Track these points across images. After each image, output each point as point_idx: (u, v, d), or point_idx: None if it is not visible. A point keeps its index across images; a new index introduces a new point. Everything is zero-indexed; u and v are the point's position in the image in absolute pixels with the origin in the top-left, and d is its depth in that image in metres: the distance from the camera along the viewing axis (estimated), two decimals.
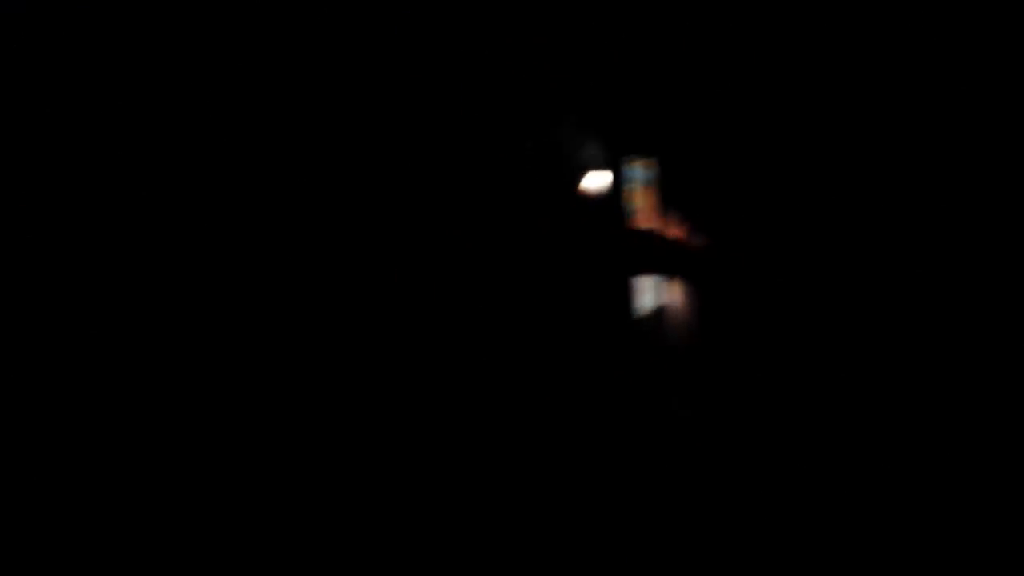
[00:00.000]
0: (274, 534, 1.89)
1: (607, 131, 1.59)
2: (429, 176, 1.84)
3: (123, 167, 1.94)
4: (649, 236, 1.01)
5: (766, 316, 1.30)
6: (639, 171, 0.87)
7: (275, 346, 1.93)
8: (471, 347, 1.81)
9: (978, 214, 1.76)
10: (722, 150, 1.59)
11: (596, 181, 0.98)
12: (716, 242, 1.12)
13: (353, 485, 1.91)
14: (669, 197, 1.08)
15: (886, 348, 1.63)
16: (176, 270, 1.93)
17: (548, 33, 1.78)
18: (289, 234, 1.95)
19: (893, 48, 1.79)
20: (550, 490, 1.84)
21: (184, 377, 1.91)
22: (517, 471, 1.86)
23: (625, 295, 1.06)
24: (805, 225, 1.65)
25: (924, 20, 1.78)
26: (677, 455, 1.77)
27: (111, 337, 1.91)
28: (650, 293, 0.93)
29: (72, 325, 1.90)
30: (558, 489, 1.83)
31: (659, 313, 0.98)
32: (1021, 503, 1.65)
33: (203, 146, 1.96)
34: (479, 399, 1.85)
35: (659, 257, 1.00)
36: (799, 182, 1.68)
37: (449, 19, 1.87)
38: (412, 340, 1.88)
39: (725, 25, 1.78)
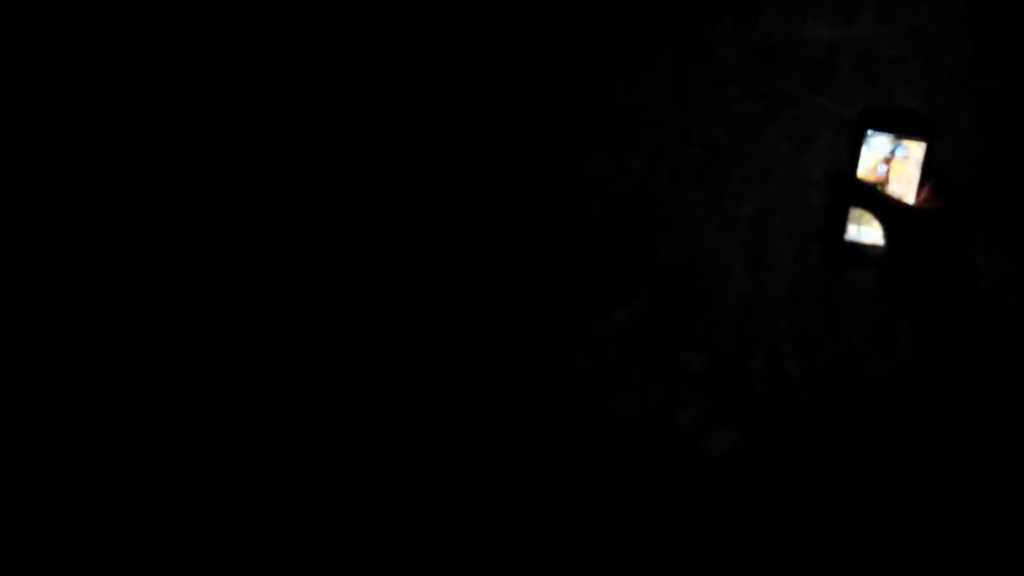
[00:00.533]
0: (273, 533, 1.85)
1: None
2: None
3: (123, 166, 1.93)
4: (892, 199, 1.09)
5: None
6: (893, 144, 1.06)
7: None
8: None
9: None
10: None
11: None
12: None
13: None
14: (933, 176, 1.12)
15: None
16: (175, 267, 1.91)
17: None
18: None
19: None
20: None
21: (182, 373, 1.89)
22: None
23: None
24: None
25: None
26: None
27: (109, 334, 1.90)
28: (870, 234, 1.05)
29: (70, 323, 1.89)
30: None
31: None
32: None
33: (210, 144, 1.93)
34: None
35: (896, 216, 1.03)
36: None
37: None
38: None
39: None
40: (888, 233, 0.99)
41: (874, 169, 1.03)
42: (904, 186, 1.02)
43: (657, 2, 1.87)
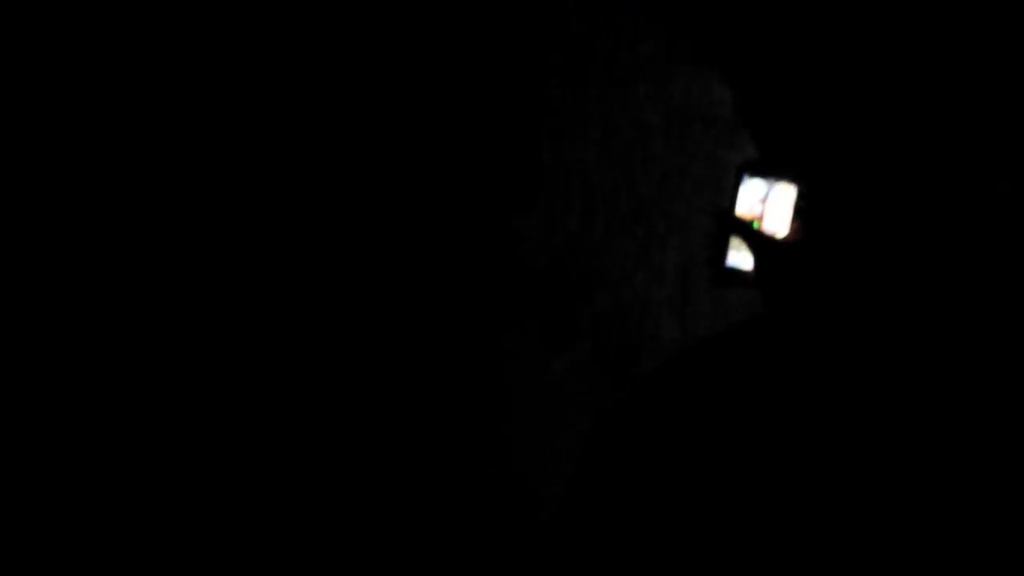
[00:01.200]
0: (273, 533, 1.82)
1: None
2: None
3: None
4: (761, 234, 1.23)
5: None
6: (768, 187, 1.24)
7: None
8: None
9: None
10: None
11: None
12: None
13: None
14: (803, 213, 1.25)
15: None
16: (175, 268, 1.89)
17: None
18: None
19: None
20: None
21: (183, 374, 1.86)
22: None
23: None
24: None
25: None
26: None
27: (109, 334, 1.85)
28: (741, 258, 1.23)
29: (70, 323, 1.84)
30: None
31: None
32: None
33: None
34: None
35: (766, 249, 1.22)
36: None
37: None
38: None
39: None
40: (755, 259, 1.17)
41: (753, 207, 1.18)
42: (777, 221, 1.17)
43: (585, 67, 1.97)
